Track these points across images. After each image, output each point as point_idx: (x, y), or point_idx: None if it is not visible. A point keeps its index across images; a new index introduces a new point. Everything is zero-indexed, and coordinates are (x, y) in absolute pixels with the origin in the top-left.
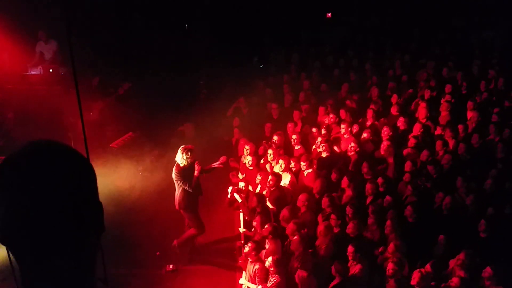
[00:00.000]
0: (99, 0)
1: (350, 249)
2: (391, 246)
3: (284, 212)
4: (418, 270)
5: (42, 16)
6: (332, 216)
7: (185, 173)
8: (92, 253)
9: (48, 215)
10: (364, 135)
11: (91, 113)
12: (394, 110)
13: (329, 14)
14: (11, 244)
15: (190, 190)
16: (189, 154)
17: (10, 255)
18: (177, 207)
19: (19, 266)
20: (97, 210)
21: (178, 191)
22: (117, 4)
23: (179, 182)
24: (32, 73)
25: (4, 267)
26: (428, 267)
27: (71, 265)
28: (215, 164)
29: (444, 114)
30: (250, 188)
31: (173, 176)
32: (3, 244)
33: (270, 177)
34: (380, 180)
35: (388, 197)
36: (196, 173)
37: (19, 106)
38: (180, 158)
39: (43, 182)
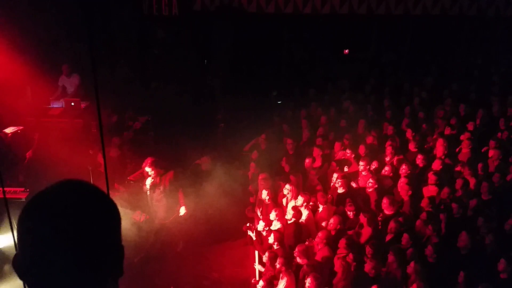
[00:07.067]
0: (119, 35)
1: None
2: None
3: (299, 249)
4: None
5: (65, 50)
6: (350, 255)
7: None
8: None
9: (69, 257)
10: (383, 171)
11: (110, 152)
12: (412, 147)
13: (346, 51)
14: (28, 281)
15: None
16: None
17: None
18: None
19: None
20: (119, 253)
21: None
22: (136, 40)
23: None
24: (54, 106)
25: None
26: None
27: None
28: None
29: (465, 152)
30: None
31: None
32: (20, 279)
33: (288, 212)
34: (401, 219)
35: (406, 235)
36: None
37: (40, 139)
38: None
39: (68, 223)
